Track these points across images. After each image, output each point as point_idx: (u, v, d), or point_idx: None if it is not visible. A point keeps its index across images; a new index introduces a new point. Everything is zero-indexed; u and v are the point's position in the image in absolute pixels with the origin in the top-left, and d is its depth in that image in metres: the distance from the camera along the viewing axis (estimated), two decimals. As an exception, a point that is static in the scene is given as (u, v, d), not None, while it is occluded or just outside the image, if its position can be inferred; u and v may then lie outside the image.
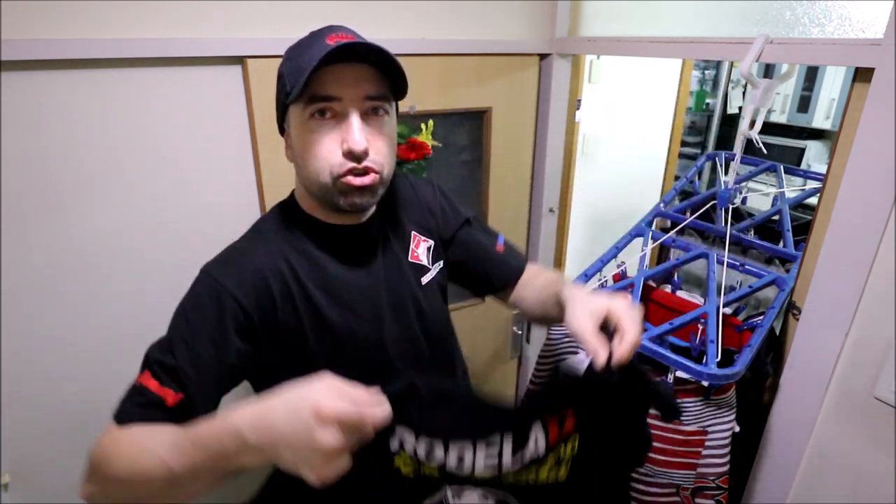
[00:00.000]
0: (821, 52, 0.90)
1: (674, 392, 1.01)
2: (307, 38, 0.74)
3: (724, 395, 0.98)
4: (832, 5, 0.90)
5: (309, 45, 0.70)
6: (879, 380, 0.86)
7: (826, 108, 3.14)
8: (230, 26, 1.08)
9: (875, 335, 0.86)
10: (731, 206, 1.21)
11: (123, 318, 1.17)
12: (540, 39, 1.44)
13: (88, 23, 0.96)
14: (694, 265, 1.33)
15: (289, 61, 0.72)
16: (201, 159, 1.15)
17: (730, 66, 3.66)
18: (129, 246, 1.13)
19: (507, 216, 1.61)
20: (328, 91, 0.68)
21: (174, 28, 1.03)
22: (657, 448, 1.02)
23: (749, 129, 1.05)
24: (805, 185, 1.44)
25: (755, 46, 0.95)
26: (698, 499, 1.00)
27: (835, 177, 0.91)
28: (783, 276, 1.09)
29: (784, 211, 1.26)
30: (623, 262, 1.27)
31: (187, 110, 1.10)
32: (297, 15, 1.13)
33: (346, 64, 0.68)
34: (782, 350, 1.04)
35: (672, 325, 1.02)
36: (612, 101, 2.30)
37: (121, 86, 1.03)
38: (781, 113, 3.34)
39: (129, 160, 1.08)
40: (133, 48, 1.00)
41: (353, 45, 0.66)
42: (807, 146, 3.26)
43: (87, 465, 0.63)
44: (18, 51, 0.92)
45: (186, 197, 1.15)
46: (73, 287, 1.10)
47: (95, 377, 1.18)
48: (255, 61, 1.11)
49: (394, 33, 1.24)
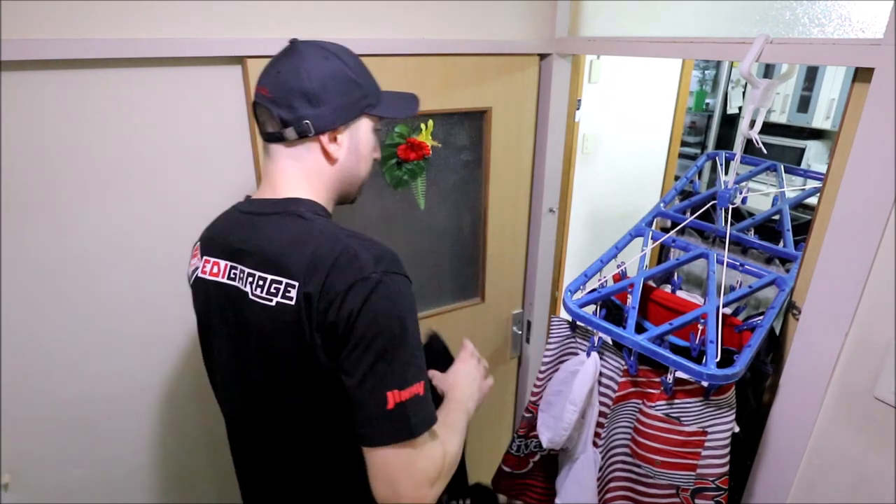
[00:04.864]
0: (821, 52, 0.90)
1: (673, 392, 1.01)
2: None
3: (723, 396, 0.98)
4: (832, 5, 0.90)
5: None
6: (879, 380, 0.86)
7: (826, 108, 3.14)
8: (230, 26, 1.08)
9: (875, 335, 0.86)
10: (731, 206, 1.21)
11: (124, 318, 1.17)
12: (540, 39, 1.44)
13: (88, 23, 0.96)
14: (694, 265, 1.33)
15: (365, 77, 0.83)
16: (201, 159, 1.15)
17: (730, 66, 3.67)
18: (128, 245, 1.13)
19: (507, 216, 1.61)
20: (396, 120, 0.90)
21: (174, 28, 1.03)
22: (657, 448, 1.02)
23: (749, 129, 1.05)
24: (805, 184, 1.44)
25: (755, 46, 0.95)
26: (698, 499, 1.00)
27: (835, 177, 0.91)
28: (783, 276, 1.09)
29: (784, 211, 1.26)
30: (623, 262, 1.27)
31: (187, 110, 1.10)
32: (297, 15, 1.13)
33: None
34: (782, 350, 1.04)
35: (672, 325, 1.02)
36: (612, 101, 2.30)
37: (120, 86, 1.03)
38: (781, 113, 3.34)
39: (129, 160, 1.08)
40: (133, 48, 1.00)
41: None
42: (807, 146, 3.26)
43: (435, 473, 0.74)
44: (18, 51, 0.92)
45: (186, 197, 1.15)
46: (72, 287, 1.10)
47: (95, 377, 1.18)
48: (255, 61, 1.11)
49: (394, 33, 1.24)
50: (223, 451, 1.40)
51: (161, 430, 1.30)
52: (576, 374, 1.15)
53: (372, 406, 0.69)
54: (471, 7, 1.31)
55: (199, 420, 1.33)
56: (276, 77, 0.77)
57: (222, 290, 0.81)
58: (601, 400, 1.18)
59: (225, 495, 1.45)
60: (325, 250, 0.71)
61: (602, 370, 1.17)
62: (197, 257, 0.87)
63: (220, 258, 0.82)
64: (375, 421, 0.69)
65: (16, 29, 0.92)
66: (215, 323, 0.85)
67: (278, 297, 0.72)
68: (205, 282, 0.84)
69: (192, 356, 1.27)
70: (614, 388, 1.15)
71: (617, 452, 1.12)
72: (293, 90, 0.76)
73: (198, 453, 1.37)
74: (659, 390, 1.04)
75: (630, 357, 1.09)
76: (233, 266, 0.80)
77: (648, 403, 1.04)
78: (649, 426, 1.03)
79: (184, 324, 1.24)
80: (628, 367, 1.10)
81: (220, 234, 0.85)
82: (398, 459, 0.70)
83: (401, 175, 1.39)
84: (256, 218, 0.80)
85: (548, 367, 1.26)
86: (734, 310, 1.17)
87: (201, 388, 1.31)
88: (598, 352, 1.17)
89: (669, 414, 1.01)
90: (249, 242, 0.78)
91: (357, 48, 1.20)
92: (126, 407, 1.23)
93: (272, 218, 0.79)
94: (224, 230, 0.85)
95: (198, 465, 1.38)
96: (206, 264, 0.84)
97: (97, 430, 1.22)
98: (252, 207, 0.82)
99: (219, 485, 1.43)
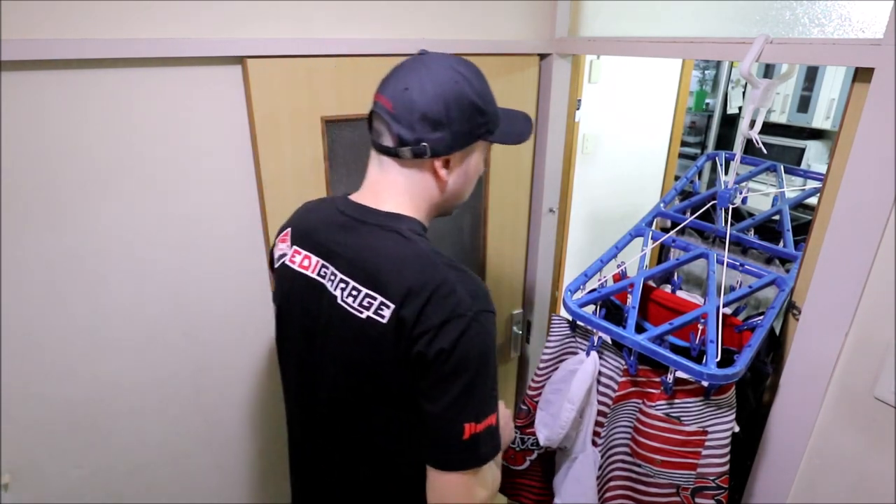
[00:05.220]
0: (821, 52, 0.90)
1: (674, 392, 1.01)
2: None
3: (723, 395, 0.98)
4: (832, 5, 0.90)
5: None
6: (879, 380, 0.86)
7: (826, 108, 3.14)
8: (230, 26, 1.08)
9: (875, 335, 0.87)
10: (731, 206, 1.21)
11: (124, 318, 1.17)
12: (540, 39, 1.44)
13: (88, 23, 0.96)
14: (694, 265, 1.33)
15: (490, 103, 0.82)
16: (201, 159, 1.15)
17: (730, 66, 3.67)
18: (128, 245, 1.13)
19: (507, 216, 1.61)
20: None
21: (174, 28, 1.03)
22: (657, 448, 1.02)
23: (749, 129, 1.05)
24: (805, 185, 1.44)
25: (755, 46, 0.95)
26: (698, 499, 1.00)
27: (835, 177, 0.91)
28: (783, 276, 1.09)
29: (784, 211, 1.26)
30: (623, 262, 1.27)
31: (187, 110, 1.10)
32: (296, 15, 1.13)
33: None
34: (782, 350, 1.04)
35: (672, 325, 1.03)
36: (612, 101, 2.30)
37: (120, 86, 1.03)
38: (781, 113, 3.34)
39: (129, 160, 1.08)
40: (133, 48, 1.00)
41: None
42: (807, 146, 3.26)
43: (487, 498, 0.79)
44: (18, 51, 0.92)
45: (186, 197, 1.15)
46: (73, 287, 1.10)
47: (95, 377, 1.18)
48: (255, 61, 1.11)
49: (394, 33, 1.24)
50: (224, 451, 1.41)
51: (161, 430, 1.30)
52: (574, 373, 1.15)
53: (448, 434, 0.73)
54: (471, 7, 1.31)
55: (199, 420, 1.33)
56: (403, 94, 0.76)
57: (309, 283, 0.83)
58: (601, 399, 1.19)
59: (225, 495, 1.45)
60: (425, 278, 0.73)
61: (602, 370, 1.17)
62: (286, 244, 0.88)
63: (312, 253, 0.84)
64: (449, 448, 0.73)
65: (16, 29, 0.91)
66: (295, 312, 0.87)
67: (370, 312, 0.74)
68: (292, 271, 0.85)
69: (191, 356, 1.27)
70: (614, 387, 1.15)
71: (617, 452, 1.12)
72: (417, 111, 0.75)
73: (198, 453, 1.37)
74: (659, 390, 1.04)
75: (630, 357, 1.09)
76: (324, 265, 0.81)
77: (648, 403, 1.04)
78: (649, 426, 1.03)
79: (184, 324, 1.24)
80: (628, 367, 1.10)
81: (314, 230, 0.86)
82: (461, 485, 0.74)
83: (401, 175, 1.39)
84: (357, 224, 0.81)
85: (547, 364, 1.26)
86: (734, 310, 1.17)
87: (201, 389, 1.31)
88: (598, 351, 1.17)
89: (669, 414, 1.01)
90: (346, 247, 0.80)
91: (357, 48, 1.21)
92: (126, 407, 1.23)
93: (373, 229, 0.79)
94: (319, 227, 0.86)
95: (198, 465, 1.38)
96: (297, 255, 0.86)
97: (97, 430, 1.22)
98: (353, 212, 0.83)
99: (219, 485, 1.43)
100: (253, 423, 1.42)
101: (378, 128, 0.80)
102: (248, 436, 1.42)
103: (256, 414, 1.41)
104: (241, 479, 1.46)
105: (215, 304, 1.26)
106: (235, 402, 1.37)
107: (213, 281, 1.24)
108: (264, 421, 1.43)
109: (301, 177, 1.24)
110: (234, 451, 1.42)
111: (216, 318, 1.27)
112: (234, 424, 1.39)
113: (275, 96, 1.15)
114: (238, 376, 1.35)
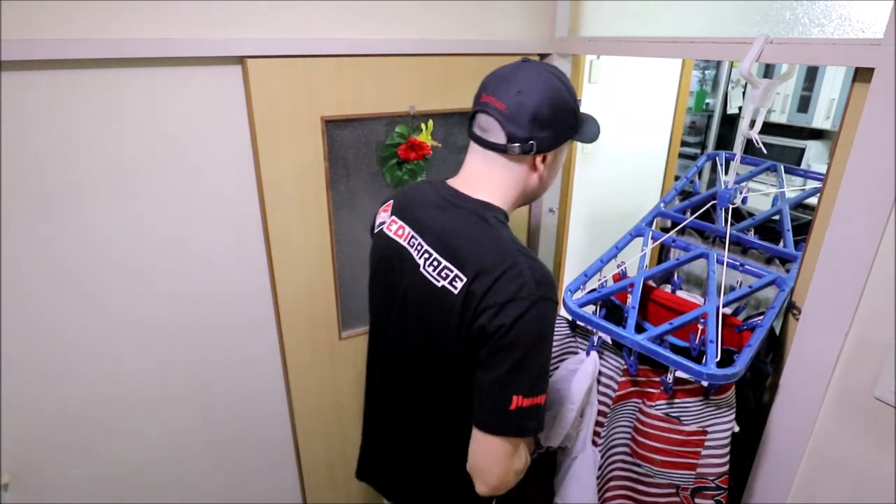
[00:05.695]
0: (821, 52, 0.90)
1: (673, 392, 1.01)
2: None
3: (723, 395, 0.98)
4: (832, 5, 0.90)
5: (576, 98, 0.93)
6: (879, 380, 0.86)
7: (826, 108, 3.14)
8: (230, 26, 1.08)
9: (875, 335, 0.86)
10: (731, 206, 1.21)
11: (124, 318, 1.17)
12: (540, 39, 1.44)
13: (88, 23, 0.96)
14: (694, 265, 1.33)
15: (578, 107, 0.93)
16: (201, 159, 1.15)
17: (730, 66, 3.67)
18: (128, 245, 1.13)
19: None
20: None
21: (174, 28, 1.03)
22: (657, 448, 1.02)
23: (749, 129, 1.05)
24: (805, 185, 1.44)
25: (755, 46, 0.95)
26: (698, 499, 1.00)
27: (835, 177, 0.91)
28: (783, 276, 1.09)
29: (784, 211, 1.26)
30: (623, 262, 1.27)
31: (187, 110, 1.10)
32: (296, 15, 1.13)
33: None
34: (782, 350, 1.04)
35: (672, 325, 1.02)
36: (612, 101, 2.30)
37: (120, 86, 1.03)
38: (781, 113, 3.34)
39: (129, 160, 1.08)
40: (133, 48, 1.00)
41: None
42: (807, 146, 3.26)
43: (521, 470, 0.88)
44: (18, 51, 0.92)
45: (186, 197, 1.15)
46: (72, 287, 1.10)
47: (95, 377, 1.18)
48: (255, 61, 1.11)
49: (394, 33, 1.24)
50: (224, 451, 1.41)
51: (161, 430, 1.30)
52: (575, 373, 1.15)
53: (496, 401, 0.80)
54: (471, 7, 1.31)
55: (199, 420, 1.33)
56: (517, 97, 0.85)
57: (398, 249, 0.93)
58: (601, 399, 1.19)
59: (225, 495, 1.45)
60: (498, 260, 0.81)
61: (602, 370, 1.17)
62: (387, 213, 0.99)
63: (406, 224, 0.94)
64: (495, 413, 0.80)
65: (16, 29, 0.92)
66: (383, 273, 0.98)
67: (445, 282, 0.84)
68: (387, 237, 0.96)
69: (191, 356, 1.27)
70: (614, 387, 1.15)
71: (617, 451, 1.12)
72: (529, 112, 0.85)
73: (198, 453, 1.37)
74: (659, 390, 1.04)
75: (630, 357, 1.09)
76: (414, 236, 0.92)
77: (648, 403, 1.04)
78: (649, 426, 1.03)
79: (183, 323, 1.24)
80: (628, 367, 1.10)
81: (413, 206, 0.96)
82: (500, 450, 0.82)
83: (401, 175, 1.39)
84: (449, 206, 0.91)
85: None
86: (734, 310, 1.17)
87: (201, 388, 1.31)
88: (598, 351, 1.17)
89: (669, 413, 1.01)
90: (435, 224, 0.90)
91: (358, 48, 1.21)
92: (126, 407, 1.23)
93: (462, 213, 0.89)
94: (417, 204, 0.96)
95: (198, 465, 1.38)
96: (393, 224, 0.97)
97: (97, 430, 1.22)
98: (448, 195, 0.93)
99: (219, 485, 1.43)
100: (253, 423, 1.42)
101: (485, 126, 0.89)
102: (248, 436, 1.42)
103: (257, 414, 1.41)
104: (242, 479, 1.46)
105: (215, 304, 1.26)
106: (235, 402, 1.37)
107: (214, 281, 1.24)
108: (264, 421, 1.43)
109: (301, 176, 1.25)
110: (234, 451, 1.42)
111: (216, 318, 1.27)
112: (234, 424, 1.39)
113: (275, 96, 1.15)
114: (238, 377, 1.35)
